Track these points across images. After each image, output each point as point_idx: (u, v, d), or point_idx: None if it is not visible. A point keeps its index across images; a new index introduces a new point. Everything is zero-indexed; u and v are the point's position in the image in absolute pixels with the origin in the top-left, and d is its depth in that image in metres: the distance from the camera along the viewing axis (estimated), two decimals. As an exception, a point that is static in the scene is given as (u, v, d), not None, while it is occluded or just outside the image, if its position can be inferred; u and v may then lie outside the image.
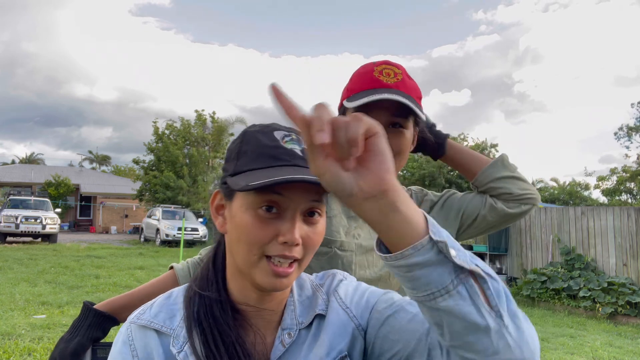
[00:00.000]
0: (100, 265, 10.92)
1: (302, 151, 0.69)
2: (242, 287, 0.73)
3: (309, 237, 0.69)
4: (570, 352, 5.51)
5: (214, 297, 0.73)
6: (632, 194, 24.54)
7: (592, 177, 32.07)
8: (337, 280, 0.81)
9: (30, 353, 4.34)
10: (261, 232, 0.66)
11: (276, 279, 0.67)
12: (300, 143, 0.70)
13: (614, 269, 8.40)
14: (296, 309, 0.76)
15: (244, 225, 0.67)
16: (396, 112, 1.06)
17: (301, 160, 0.68)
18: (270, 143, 0.69)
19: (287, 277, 0.68)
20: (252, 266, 0.68)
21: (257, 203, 0.67)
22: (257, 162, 0.68)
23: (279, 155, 0.68)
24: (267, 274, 0.67)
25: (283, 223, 0.66)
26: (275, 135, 0.70)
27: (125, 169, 46.33)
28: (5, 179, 28.18)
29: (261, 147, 0.69)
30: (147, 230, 19.58)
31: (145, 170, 23.49)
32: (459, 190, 1.41)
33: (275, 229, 0.66)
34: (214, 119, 24.29)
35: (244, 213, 0.68)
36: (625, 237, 8.27)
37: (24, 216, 15.73)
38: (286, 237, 0.65)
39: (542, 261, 9.68)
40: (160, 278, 1.16)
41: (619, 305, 7.74)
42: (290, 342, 0.72)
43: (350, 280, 0.82)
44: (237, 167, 0.70)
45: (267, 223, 0.66)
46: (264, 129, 0.72)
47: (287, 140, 0.70)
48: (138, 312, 0.75)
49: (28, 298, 6.74)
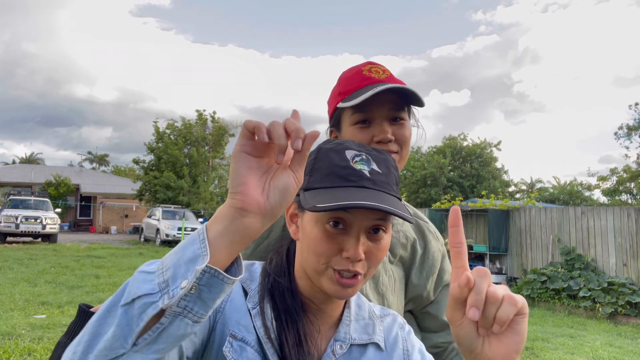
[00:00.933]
0: (100, 265, 10.92)
1: (370, 172, 0.73)
2: (308, 285, 0.77)
3: (372, 253, 0.72)
4: (570, 352, 5.51)
5: (287, 285, 0.78)
6: (632, 194, 24.53)
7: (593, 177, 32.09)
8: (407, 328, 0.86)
9: (30, 353, 4.34)
10: (328, 246, 0.71)
11: (341, 288, 0.72)
12: (370, 164, 0.74)
13: (614, 269, 8.40)
14: (351, 324, 0.80)
15: (313, 237, 0.72)
16: (395, 107, 1.06)
17: (368, 182, 0.72)
18: (340, 163, 0.73)
19: (352, 287, 0.72)
20: (319, 274, 0.73)
21: (326, 218, 0.71)
22: (327, 180, 0.72)
23: (347, 176, 0.72)
24: (333, 283, 0.72)
25: (348, 239, 0.71)
26: (346, 155, 0.74)
27: (125, 169, 46.35)
28: (5, 179, 28.18)
29: (332, 166, 0.73)
30: (147, 230, 19.57)
31: (145, 170, 23.48)
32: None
33: (340, 243, 0.71)
34: (214, 119, 24.29)
35: (314, 226, 0.73)
36: (625, 237, 8.27)
37: (24, 216, 15.73)
38: (349, 253, 0.70)
39: (542, 261, 9.68)
40: None
41: (619, 305, 7.74)
42: (341, 354, 0.76)
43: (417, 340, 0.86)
44: (310, 183, 0.74)
45: (333, 237, 0.71)
46: (337, 146, 0.76)
47: (357, 160, 0.74)
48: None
49: (28, 298, 6.73)
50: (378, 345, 0.80)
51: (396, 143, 1.05)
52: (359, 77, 1.07)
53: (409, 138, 1.09)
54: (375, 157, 0.75)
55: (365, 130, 1.05)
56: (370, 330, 0.81)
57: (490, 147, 24.64)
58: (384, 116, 1.04)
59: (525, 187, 35.31)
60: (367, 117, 1.05)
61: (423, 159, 23.71)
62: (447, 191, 21.98)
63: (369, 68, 1.08)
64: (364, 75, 1.07)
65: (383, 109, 1.04)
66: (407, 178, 23.67)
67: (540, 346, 5.69)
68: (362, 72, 1.07)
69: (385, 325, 0.84)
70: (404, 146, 1.07)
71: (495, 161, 24.73)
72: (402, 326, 0.86)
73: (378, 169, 0.74)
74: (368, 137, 1.05)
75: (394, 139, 1.05)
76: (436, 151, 24.23)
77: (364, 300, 0.87)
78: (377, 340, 0.80)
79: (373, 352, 0.79)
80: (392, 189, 0.74)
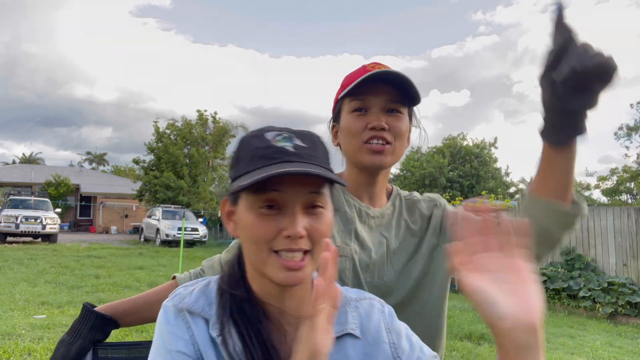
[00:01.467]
0: (100, 265, 10.91)
1: (294, 147, 0.71)
2: (262, 285, 0.75)
3: (313, 228, 0.70)
4: (570, 352, 5.51)
5: (243, 295, 0.75)
6: (632, 194, 24.53)
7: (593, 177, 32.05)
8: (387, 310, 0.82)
9: (30, 353, 4.34)
10: (265, 229, 0.69)
11: (289, 273, 0.69)
12: (293, 140, 0.72)
13: (614, 269, 8.40)
14: None
15: (249, 224, 0.71)
16: (392, 98, 1.07)
17: (293, 156, 0.70)
18: (262, 145, 0.72)
19: (301, 270, 0.70)
20: (263, 263, 0.71)
21: (258, 203, 0.70)
22: (251, 164, 0.71)
23: (270, 155, 0.70)
24: (279, 269, 0.69)
25: (285, 218, 0.69)
26: (266, 137, 0.73)
27: (125, 169, 46.33)
28: (5, 179, 28.18)
29: (254, 149, 0.72)
30: (147, 230, 19.57)
31: (145, 170, 23.48)
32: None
33: (278, 224, 0.69)
34: (215, 119, 24.28)
35: (248, 214, 0.71)
36: (625, 237, 8.27)
37: (24, 216, 15.72)
38: (289, 231, 0.68)
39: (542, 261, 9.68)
40: (162, 287, 1.15)
41: (619, 305, 7.74)
42: None
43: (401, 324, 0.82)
44: (236, 173, 0.74)
45: (269, 220, 0.70)
46: (257, 132, 0.75)
47: (278, 139, 0.72)
48: (177, 296, 0.77)
49: (28, 298, 6.73)
50: (352, 334, 0.77)
51: (390, 134, 1.06)
52: (362, 71, 1.09)
53: (405, 132, 1.10)
54: (298, 134, 0.74)
55: (361, 118, 1.07)
56: (342, 320, 0.77)
57: (488, 147, 24.63)
58: (379, 105, 1.07)
59: (525, 187, 35.28)
60: (363, 105, 1.07)
61: (423, 159, 23.69)
62: (447, 191, 21.98)
63: (372, 65, 1.10)
64: (367, 69, 1.09)
65: (379, 99, 1.07)
66: (406, 178, 23.65)
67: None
68: (365, 68, 1.10)
69: (361, 311, 0.80)
70: (398, 138, 1.08)
71: (495, 161, 24.72)
72: (382, 310, 0.82)
73: (302, 144, 0.72)
74: (363, 125, 1.07)
75: (388, 128, 1.06)
76: (436, 151, 24.22)
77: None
78: (351, 329, 0.77)
79: (350, 343, 0.76)
80: (320, 161, 0.73)
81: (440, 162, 22.81)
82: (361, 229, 1.13)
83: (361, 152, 1.07)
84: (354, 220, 1.12)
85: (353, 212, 1.13)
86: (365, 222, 1.14)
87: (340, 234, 1.10)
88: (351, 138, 1.09)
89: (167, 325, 0.73)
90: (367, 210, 1.14)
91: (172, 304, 0.75)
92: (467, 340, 5.80)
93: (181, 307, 0.74)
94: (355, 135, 1.07)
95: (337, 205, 1.13)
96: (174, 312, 0.74)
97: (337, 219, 1.11)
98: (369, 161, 1.07)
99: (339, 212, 1.13)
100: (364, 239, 1.12)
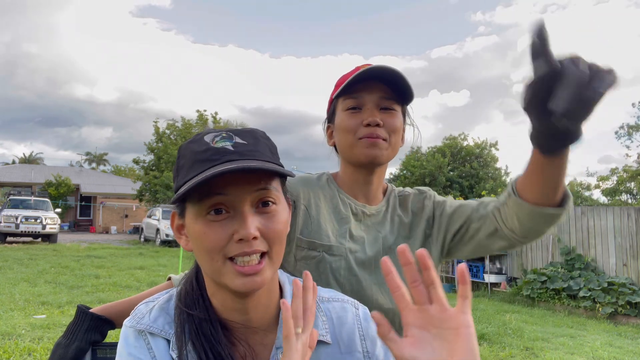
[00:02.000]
0: (100, 265, 10.91)
1: (234, 145, 0.68)
2: (223, 300, 0.71)
3: (267, 228, 0.67)
4: (570, 352, 5.51)
5: (202, 316, 0.71)
6: (632, 194, 24.53)
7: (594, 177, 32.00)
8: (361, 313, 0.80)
9: (30, 353, 4.34)
10: (216, 236, 0.65)
11: (246, 279, 0.65)
12: (232, 139, 0.69)
13: (614, 269, 8.39)
14: None
15: (199, 234, 0.66)
16: (386, 95, 1.08)
17: (234, 155, 0.66)
18: (201, 148, 0.68)
19: (259, 274, 0.66)
20: (219, 273, 0.67)
21: (204, 209, 0.66)
22: (192, 171, 0.67)
23: (209, 157, 0.66)
24: (235, 276, 0.65)
25: (234, 221, 0.65)
26: (205, 140, 0.69)
27: (125, 169, 46.33)
28: (5, 179, 28.17)
29: (193, 154, 0.68)
30: (147, 230, 19.56)
31: (145, 170, 23.47)
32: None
33: (228, 229, 0.65)
34: (215, 119, 24.28)
35: (196, 224, 0.67)
36: (625, 237, 8.26)
37: (24, 216, 15.72)
38: (240, 234, 0.64)
39: (542, 261, 9.68)
40: (159, 287, 1.14)
41: (619, 305, 7.73)
42: None
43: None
44: (178, 182, 0.69)
45: (219, 226, 0.66)
46: (195, 137, 0.72)
47: (217, 140, 0.68)
48: (137, 316, 0.74)
49: (28, 298, 6.73)
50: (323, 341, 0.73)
51: (385, 130, 1.07)
52: (355, 71, 1.09)
53: (399, 128, 1.10)
54: (238, 132, 0.70)
55: (356, 115, 1.08)
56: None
57: (489, 147, 24.62)
58: (374, 102, 1.07)
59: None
60: (357, 103, 1.08)
61: (423, 159, 23.68)
62: (447, 191, 21.97)
63: (366, 64, 1.10)
64: (359, 68, 1.09)
65: (373, 96, 1.07)
66: (406, 178, 23.64)
67: (540, 346, 5.69)
68: (359, 68, 1.10)
69: (333, 314, 0.77)
70: (393, 134, 1.09)
71: (495, 162, 24.71)
72: (356, 314, 0.79)
73: (243, 141, 0.68)
74: (357, 122, 1.07)
75: (383, 124, 1.06)
76: (436, 151, 24.22)
77: None
78: (321, 335, 0.73)
79: (321, 350, 0.73)
80: (263, 157, 0.68)
81: (440, 161, 22.81)
82: (356, 227, 1.13)
83: (357, 147, 1.07)
84: (348, 220, 1.12)
85: (348, 211, 1.13)
86: (361, 220, 1.14)
87: (334, 233, 1.10)
88: (346, 135, 1.09)
89: (126, 347, 0.71)
90: (363, 208, 1.14)
91: (131, 324, 0.72)
92: (467, 340, 5.80)
93: (140, 329, 0.71)
94: (350, 132, 1.08)
95: (333, 204, 1.13)
96: (134, 333, 0.71)
97: (331, 218, 1.12)
98: (365, 155, 1.07)
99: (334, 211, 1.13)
100: (358, 237, 1.12)
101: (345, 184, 1.16)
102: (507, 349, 5.46)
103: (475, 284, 10.54)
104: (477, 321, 6.73)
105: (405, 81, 1.05)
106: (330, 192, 1.15)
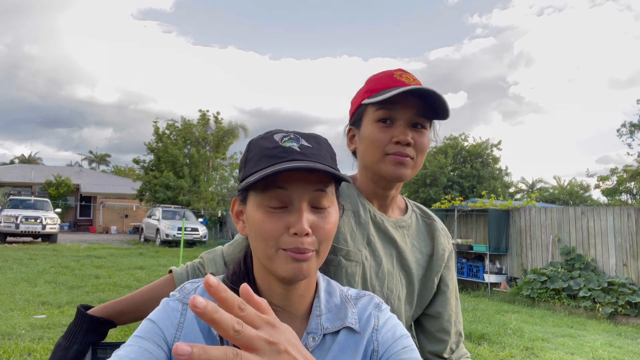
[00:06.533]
0: (100, 265, 10.91)
1: (300, 147, 0.74)
2: (268, 283, 0.77)
3: (319, 227, 0.72)
4: (570, 352, 5.51)
5: None
6: (632, 194, 24.53)
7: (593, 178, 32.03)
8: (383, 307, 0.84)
9: (30, 353, 4.33)
10: (272, 226, 0.71)
11: (296, 265, 0.71)
12: (299, 141, 0.75)
13: (614, 269, 8.39)
14: (322, 314, 0.79)
15: (257, 222, 0.72)
16: (420, 112, 1.05)
17: (299, 155, 0.72)
18: (270, 145, 0.75)
19: (307, 262, 0.71)
20: (271, 259, 0.72)
21: (266, 200, 0.72)
22: (259, 164, 0.73)
23: (277, 154, 0.73)
24: (287, 261, 0.71)
25: (291, 215, 0.71)
26: (274, 138, 0.76)
27: (126, 169, 46.32)
28: (5, 179, 28.17)
29: (262, 150, 0.75)
30: (147, 230, 19.56)
31: (145, 170, 23.48)
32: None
33: (285, 221, 0.71)
34: (217, 119, 24.28)
35: (256, 212, 0.73)
36: (625, 237, 8.27)
37: (24, 216, 15.72)
38: (295, 228, 0.70)
39: (542, 261, 9.68)
40: (157, 282, 1.14)
41: (619, 305, 7.74)
42: (314, 346, 0.75)
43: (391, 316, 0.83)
44: (245, 173, 0.76)
45: (276, 217, 0.71)
46: (266, 134, 0.78)
47: (285, 140, 0.75)
48: (184, 291, 0.78)
49: (28, 298, 6.73)
50: (351, 328, 0.78)
51: (413, 149, 1.05)
52: (390, 79, 1.07)
53: (427, 147, 1.09)
54: (304, 135, 0.77)
55: (386, 130, 1.05)
56: (342, 315, 0.79)
57: (491, 147, 24.62)
58: (406, 119, 1.04)
59: (525, 187, 35.29)
60: (390, 115, 1.05)
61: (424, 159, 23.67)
62: (447, 191, 21.97)
63: (400, 74, 1.09)
64: (395, 78, 1.07)
65: (407, 112, 1.04)
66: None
67: (540, 346, 5.69)
68: (392, 75, 1.08)
69: (359, 306, 0.82)
70: (420, 154, 1.07)
71: (496, 162, 24.71)
72: (377, 305, 0.83)
73: (308, 144, 0.75)
74: (387, 137, 1.04)
75: (413, 143, 1.04)
76: (437, 151, 24.21)
77: (335, 285, 0.85)
78: (350, 323, 0.78)
79: (344, 335, 0.78)
80: (325, 160, 0.75)
81: (441, 161, 22.80)
82: (374, 235, 1.11)
83: (383, 163, 1.05)
84: (367, 226, 1.11)
85: (367, 217, 1.12)
86: (380, 228, 1.13)
87: (353, 238, 1.08)
88: (374, 148, 1.06)
89: (161, 310, 0.75)
90: (382, 217, 1.14)
91: (178, 298, 0.77)
92: (467, 340, 5.79)
93: (186, 302, 0.75)
94: (379, 146, 1.05)
95: (353, 207, 1.12)
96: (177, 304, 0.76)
97: (350, 221, 1.10)
98: (390, 173, 1.05)
99: (354, 215, 1.11)
100: (375, 247, 1.11)
101: (364, 189, 1.15)
102: (507, 349, 5.45)
103: (475, 284, 10.54)
104: (477, 321, 6.74)
105: (442, 99, 1.01)
106: (351, 195, 1.14)
